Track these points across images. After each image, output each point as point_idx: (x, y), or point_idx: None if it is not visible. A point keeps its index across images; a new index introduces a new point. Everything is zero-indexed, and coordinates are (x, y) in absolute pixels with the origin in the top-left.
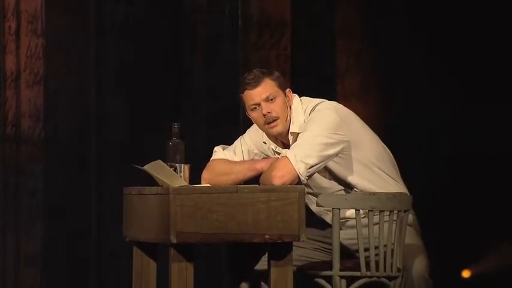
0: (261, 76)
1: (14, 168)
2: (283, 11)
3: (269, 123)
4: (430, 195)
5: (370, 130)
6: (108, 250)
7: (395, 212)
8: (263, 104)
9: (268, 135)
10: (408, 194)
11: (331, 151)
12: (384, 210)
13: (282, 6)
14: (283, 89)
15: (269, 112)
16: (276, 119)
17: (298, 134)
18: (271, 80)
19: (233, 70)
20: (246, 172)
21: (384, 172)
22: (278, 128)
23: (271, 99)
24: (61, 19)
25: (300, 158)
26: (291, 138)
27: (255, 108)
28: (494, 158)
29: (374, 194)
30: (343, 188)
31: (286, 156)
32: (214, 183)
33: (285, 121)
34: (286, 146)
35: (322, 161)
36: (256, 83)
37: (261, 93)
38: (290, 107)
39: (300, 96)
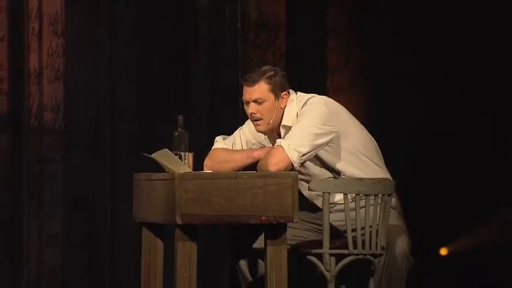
0: (257, 78)
1: (38, 157)
2: (279, 13)
3: (254, 120)
4: (410, 180)
5: (357, 121)
6: (120, 230)
7: (380, 195)
8: (251, 104)
9: None
10: (391, 179)
11: (322, 140)
12: (369, 194)
13: (278, 8)
14: (277, 92)
15: (253, 113)
16: (259, 120)
17: (289, 127)
18: (266, 83)
19: (233, 68)
20: (245, 160)
21: (370, 159)
22: (260, 127)
23: (260, 102)
24: (79, 21)
25: (294, 146)
26: (282, 131)
27: (246, 103)
28: (470, 143)
29: (361, 179)
30: (332, 174)
31: (281, 145)
32: (216, 170)
33: (268, 123)
34: (281, 137)
35: (313, 150)
36: (251, 83)
37: (251, 94)
38: (282, 108)
39: (295, 91)
